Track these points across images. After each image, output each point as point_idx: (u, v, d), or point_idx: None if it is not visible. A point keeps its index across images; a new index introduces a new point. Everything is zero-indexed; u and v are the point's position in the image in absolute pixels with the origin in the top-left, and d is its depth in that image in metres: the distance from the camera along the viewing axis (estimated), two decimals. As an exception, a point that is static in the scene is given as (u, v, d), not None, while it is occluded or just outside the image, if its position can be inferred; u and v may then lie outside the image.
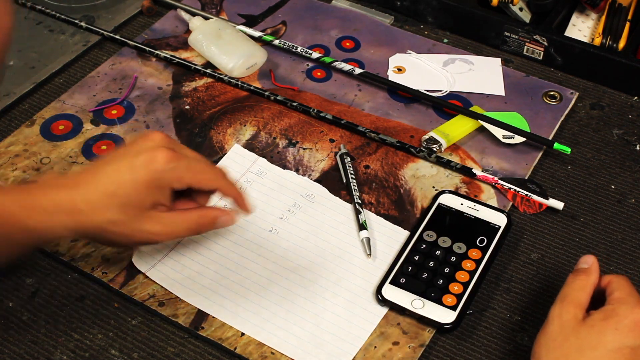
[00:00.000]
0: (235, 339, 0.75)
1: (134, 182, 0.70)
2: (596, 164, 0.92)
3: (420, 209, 0.86)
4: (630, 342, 0.65)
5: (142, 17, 1.10)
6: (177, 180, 0.72)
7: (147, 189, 0.70)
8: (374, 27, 1.09)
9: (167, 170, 0.71)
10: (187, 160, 0.72)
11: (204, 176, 0.74)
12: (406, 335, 0.75)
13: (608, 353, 0.64)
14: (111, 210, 0.70)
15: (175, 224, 0.73)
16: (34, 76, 1.00)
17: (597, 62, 1.00)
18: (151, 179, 0.70)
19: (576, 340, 0.65)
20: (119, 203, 0.70)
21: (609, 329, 0.65)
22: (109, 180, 0.70)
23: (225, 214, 0.76)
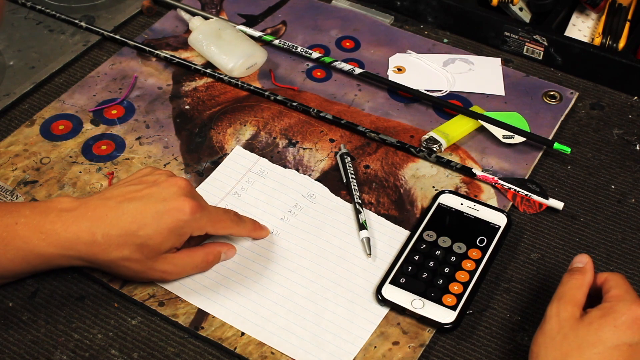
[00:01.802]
0: (235, 338, 0.75)
1: (157, 228, 0.73)
2: (596, 163, 0.92)
3: (420, 209, 0.86)
4: (628, 339, 0.65)
5: (142, 17, 1.10)
6: (198, 229, 0.76)
7: (169, 235, 0.74)
8: (374, 27, 1.09)
9: (191, 221, 0.74)
10: (208, 211, 0.76)
11: (221, 225, 0.78)
12: (406, 335, 0.75)
13: (607, 350, 0.65)
14: (129, 248, 0.73)
15: (185, 263, 0.77)
16: (34, 76, 1.00)
17: (597, 62, 1.00)
18: (175, 227, 0.74)
19: (575, 338, 0.66)
20: (138, 243, 0.73)
21: (607, 327, 0.66)
22: (131, 219, 0.73)
23: (228, 247, 0.80)
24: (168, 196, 0.74)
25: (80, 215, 0.73)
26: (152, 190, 0.75)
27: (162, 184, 0.76)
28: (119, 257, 0.73)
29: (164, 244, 0.74)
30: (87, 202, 0.75)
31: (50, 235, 0.73)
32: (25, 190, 0.87)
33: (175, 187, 0.75)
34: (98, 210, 0.74)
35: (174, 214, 0.73)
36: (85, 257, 0.74)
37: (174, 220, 0.73)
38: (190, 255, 0.77)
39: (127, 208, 0.74)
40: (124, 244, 0.73)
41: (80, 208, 0.74)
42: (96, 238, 0.72)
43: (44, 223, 0.73)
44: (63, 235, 0.73)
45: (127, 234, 0.73)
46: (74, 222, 0.73)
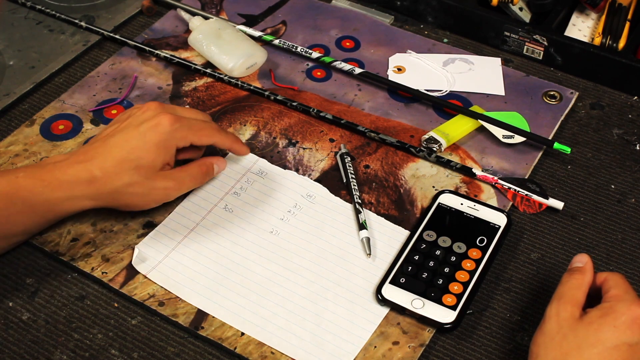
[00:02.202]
0: (235, 338, 0.75)
1: (144, 146, 0.79)
2: (596, 163, 0.92)
3: (420, 209, 0.86)
4: (628, 338, 0.65)
5: (142, 17, 1.10)
6: (181, 139, 0.81)
7: (157, 150, 0.79)
8: (374, 27, 1.09)
9: (172, 132, 0.80)
10: (187, 121, 0.81)
11: (203, 132, 0.83)
12: (406, 335, 0.75)
13: (607, 350, 0.64)
14: (126, 173, 0.78)
15: (183, 177, 0.82)
16: (33, 76, 1.00)
17: (597, 62, 1.00)
18: (159, 141, 0.79)
19: (574, 338, 0.66)
20: (133, 166, 0.78)
21: (606, 326, 0.65)
22: (120, 148, 0.79)
23: (218, 159, 0.86)
24: (146, 118, 0.80)
25: (73, 161, 0.79)
26: (130, 120, 0.81)
27: (137, 112, 0.82)
28: (120, 185, 0.78)
29: (156, 160, 0.79)
30: (77, 151, 0.81)
31: (52, 182, 0.77)
32: (25, 190, 0.86)
33: (149, 110, 0.81)
34: (89, 152, 0.79)
35: (154, 129, 0.79)
36: (90, 195, 0.78)
37: (155, 135, 0.79)
38: (185, 168, 0.83)
39: (114, 141, 0.79)
40: (121, 171, 0.78)
41: (72, 156, 0.80)
42: (94, 173, 0.77)
43: (42, 172, 0.77)
44: (63, 179, 0.77)
45: (120, 161, 0.78)
46: (70, 166, 0.78)
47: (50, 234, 0.83)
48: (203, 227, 0.84)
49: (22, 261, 0.81)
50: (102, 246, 0.82)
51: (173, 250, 0.81)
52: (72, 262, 0.80)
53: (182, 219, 0.84)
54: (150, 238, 0.82)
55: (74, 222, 0.84)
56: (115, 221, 0.84)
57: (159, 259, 0.80)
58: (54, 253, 0.81)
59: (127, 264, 0.80)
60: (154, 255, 0.81)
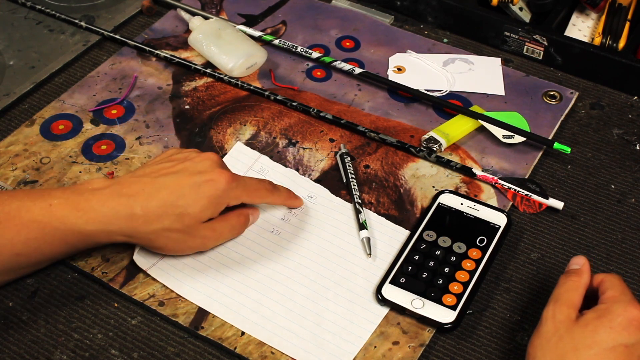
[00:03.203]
0: (235, 338, 0.75)
1: (196, 199, 0.75)
2: (596, 163, 0.92)
3: (420, 209, 0.86)
4: (624, 340, 0.65)
5: (142, 17, 1.10)
6: (234, 199, 0.78)
7: (208, 205, 0.76)
8: (374, 27, 1.09)
9: (228, 190, 0.76)
10: (243, 181, 0.79)
11: (257, 194, 0.81)
12: (406, 335, 0.75)
13: (603, 352, 0.64)
14: (169, 219, 0.74)
15: (222, 228, 0.79)
16: (33, 76, 1.00)
17: (597, 62, 1.00)
18: (212, 197, 0.76)
19: (571, 340, 0.66)
20: (177, 213, 0.74)
21: (603, 328, 0.65)
22: (169, 191, 0.75)
23: (253, 210, 0.83)
24: (203, 169, 0.76)
25: (115, 192, 0.74)
26: (185, 164, 0.77)
27: (195, 159, 0.78)
28: (159, 228, 0.74)
29: (203, 213, 0.76)
30: (120, 180, 0.76)
31: (88, 212, 0.73)
32: (25, 190, 0.86)
33: (208, 160, 0.78)
34: (133, 186, 0.75)
35: (211, 185, 0.75)
36: (125, 232, 0.74)
37: (211, 190, 0.75)
38: (225, 219, 0.79)
39: (164, 181, 0.75)
40: (164, 215, 0.74)
41: (113, 186, 0.75)
42: (135, 211, 0.73)
43: (79, 201, 0.74)
44: (101, 211, 0.73)
45: (166, 204, 0.74)
46: (110, 198, 0.74)
47: (50, 233, 0.83)
48: (203, 227, 0.84)
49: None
50: (102, 247, 0.82)
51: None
52: (72, 262, 0.80)
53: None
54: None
55: (74, 222, 0.84)
56: (115, 221, 0.84)
57: (160, 256, 0.80)
58: (54, 253, 0.81)
59: (127, 264, 0.80)
60: (155, 252, 0.81)
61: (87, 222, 0.73)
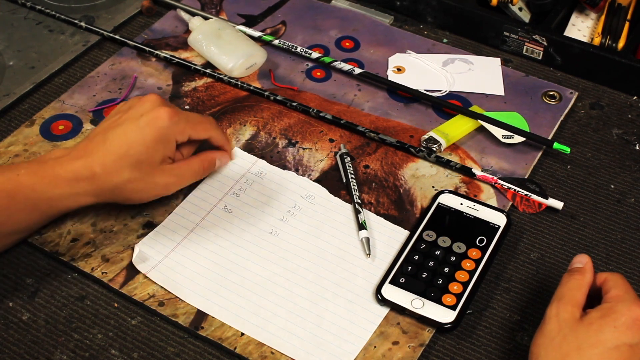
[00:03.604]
0: (235, 338, 0.75)
1: (143, 141, 0.78)
2: (596, 163, 0.92)
3: (419, 209, 0.86)
4: (628, 339, 0.65)
5: (141, 17, 1.10)
6: (180, 133, 0.80)
7: (156, 145, 0.78)
8: (373, 27, 1.09)
9: (171, 126, 0.79)
10: (185, 114, 0.81)
11: (202, 126, 0.82)
12: (406, 334, 0.75)
13: (607, 351, 0.64)
14: (126, 170, 0.77)
15: (183, 172, 0.82)
16: (33, 76, 1.00)
17: (596, 62, 1.00)
18: (158, 135, 0.78)
19: (575, 339, 0.66)
20: (133, 162, 0.77)
21: (607, 327, 0.65)
22: (119, 143, 0.78)
23: (222, 154, 0.86)
24: (144, 111, 0.79)
25: (74, 156, 0.78)
26: (129, 113, 0.80)
27: (136, 105, 0.81)
28: (121, 181, 0.77)
29: (156, 155, 0.78)
30: (77, 146, 0.80)
31: (53, 179, 0.76)
32: (25, 191, 0.86)
33: (148, 102, 0.80)
34: (88, 147, 0.79)
35: (153, 123, 0.78)
36: (90, 191, 0.78)
37: (154, 129, 0.78)
38: (187, 163, 0.82)
39: (113, 135, 0.78)
40: (121, 167, 0.77)
41: (72, 152, 0.79)
42: (95, 170, 0.77)
43: (44, 169, 0.77)
44: (64, 176, 0.77)
45: (120, 157, 0.77)
46: (70, 162, 0.77)
47: (50, 234, 0.83)
48: (202, 228, 0.84)
49: (22, 261, 0.81)
50: (102, 246, 0.82)
51: (173, 251, 0.81)
52: (72, 262, 0.80)
53: (181, 219, 0.84)
54: (150, 238, 0.82)
55: (74, 222, 0.84)
56: (115, 221, 0.84)
57: (159, 259, 0.80)
58: (54, 253, 0.81)
59: (127, 264, 0.80)
60: (154, 255, 0.81)
61: (54, 187, 0.76)
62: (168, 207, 0.85)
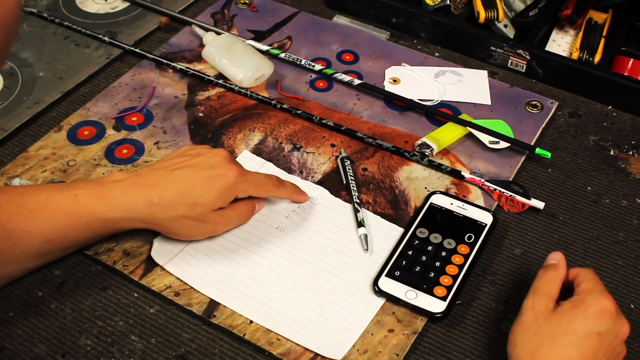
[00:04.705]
0: (244, 326, 0.75)
1: (207, 189, 0.76)
2: (574, 167, 0.92)
3: (413, 208, 0.86)
4: (597, 328, 0.65)
5: (160, 33, 1.10)
6: (242, 192, 0.78)
7: (218, 196, 0.76)
8: (371, 42, 1.09)
9: (236, 184, 0.77)
10: (250, 176, 0.79)
11: (264, 188, 0.81)
12: (400, 323, 0.75)
13: (578, 339, 0.65)
14: (183, 207, 0.75)
15: (231, 216, 0.79)
16: (61, 86, 1.00)
17: (575, 75, 1.00)
18: (222, 189, 0.76)
19: (548, 328, 0.66)
20: (191, 202, 0.75)
21: (578, 317, 0.66)
22: (183, 182, 0.76)
23: (258, 200, 0.83)
24: (214, 164, 0.77)
25: (134, 182, 0.75)
26: (198, 159, 0.78)
27: (207, 155, 0.78)
28: (174, 215, 0.75)
29: (214, 204, 0.76)
30: (139, 173, 0.77)
31: (110, 201, 0.74)
32: (53, 190, 0.86)
33: (219, 156, 0.78)
34: (150, 178, 0.76)
35: (221, 178, 0.76)
36: (144, 219, 0.75)
37: (221, 183, 0.76)
38: (235, 207, 0.79)
39: (178, 174, 0.76)
40: (179, 203, 0.75)
41: (132, 177, 0.76)
42: (153, 200, 0.74)
43: (102, 191, 0.75)
44: (122, 200, 0.74)
45: (180, 194, 0.75)
46: (130, 188, 0.75)
47: (76, 230, 0.83)
48: (215, 224, 0.83)
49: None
50: (123, 241, 0.82)
51: (188, 245, 0.81)
52: (96, 257, 0.80)
53: (196, 216, 0.84)
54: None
55: (98, 219, 0.84)
56: (135, 219, 0.84)
57: (175, 253, 0.80)
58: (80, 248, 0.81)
59: (146, 257, 0.80)
60: (171, 249, 0.81)
61: (110, 210, 0.74)
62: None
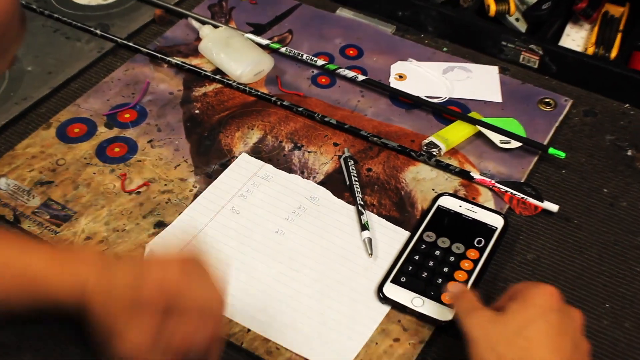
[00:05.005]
0: (242, 334, 0.74)
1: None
2: (589, 168, 0.91)
3: (420, 211, 0.85)
4: (552, 308, 0.65)
5: (154, 26, 1.10)
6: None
7: None
8: (376, 36, 1.08)
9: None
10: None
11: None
12: (406, 332, 0.74)
13: (543, 324, 0.64)
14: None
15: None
16: (51, 81, 1.00)
17: (590, 71, 0.99)
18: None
19: (505, 328, 0.64)
20: None
21: (530, 307, 0.65)
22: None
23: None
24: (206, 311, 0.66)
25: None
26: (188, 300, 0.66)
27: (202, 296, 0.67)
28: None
29: None
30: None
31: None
32: (42, 191, 0.86)
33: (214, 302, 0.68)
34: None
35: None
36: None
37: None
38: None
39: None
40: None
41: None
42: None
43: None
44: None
45: None
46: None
47: (65, 232, 0.82)
48: (211, 228, 0.83)
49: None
50: (115, 245, 0.81)
51: (182, 250, 0.80)
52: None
53: (191, 219, 0.83)
54: (161, 237, 0.82)
55: (88, 221, 0.83)
56: (128, 220, 0.83)
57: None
58: (68, 251, 0.80)
59: (139, 262, 0.79)
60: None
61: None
62: (178, 207, 0.84)
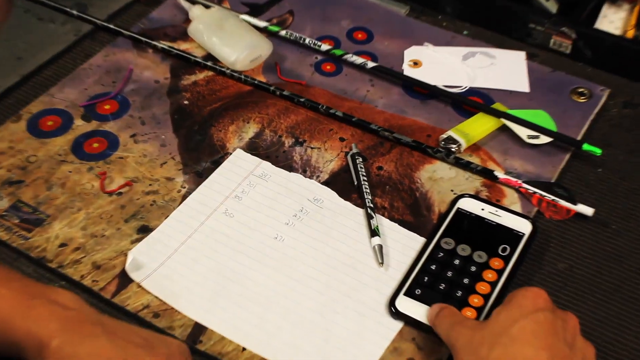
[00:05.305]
0: (236, 353, 0.74)
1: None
2: (629, 166, 0.91)
3: (437, 214, 0.85)
4: (537, 309, 0.67)
5: (138, 5, 1.10)
6: None
7: None
8: (388, 18, 1.08)
9: None
10: None
11: None
12: (422, 351, 0.75)
13: (529, 323, 0.66)
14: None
15: None
16: (20, 68, 1.00)
17: (630, 57, 1.00)
18: None
19: (488, 332, 0.66)
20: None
21: (515, 310, 0.67)
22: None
23: None
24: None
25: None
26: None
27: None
28: None
29: None
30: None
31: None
32: (10, 191, 0.86)
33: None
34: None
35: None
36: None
37: None
38: None
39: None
40: None
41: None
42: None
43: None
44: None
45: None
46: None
47: (37, 238, 0.82)
48: (202, 233, 0.83)
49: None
50: (93, 252, 0.81)
51: (169, 258, 0.81)
52: (60, 269, 0.80)
53: (179, 224, 0.84)
54: (145, 244, 0.82)
55: (63, 225, 0.83)
56: (108, 225, 0.83)
57: (154, 267, 0.80)
58: (41, 259, 0.80)
59: (120, 271, 0.80)
60: (149, 262, 0.80)
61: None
62: (165, 210, 0.84)
